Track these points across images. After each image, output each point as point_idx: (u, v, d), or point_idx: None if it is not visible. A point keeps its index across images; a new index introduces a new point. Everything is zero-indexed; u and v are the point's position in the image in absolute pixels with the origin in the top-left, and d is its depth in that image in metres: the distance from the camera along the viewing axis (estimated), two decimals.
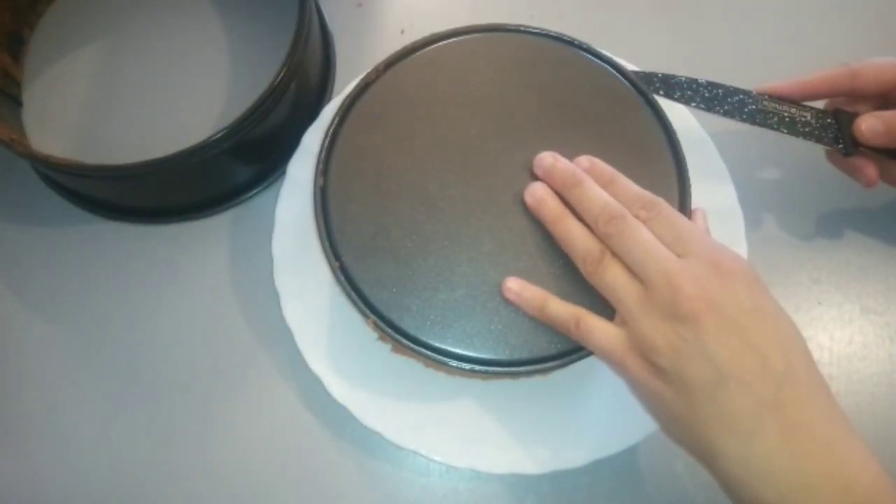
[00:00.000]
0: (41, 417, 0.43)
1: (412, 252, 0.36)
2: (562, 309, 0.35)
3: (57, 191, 0.48)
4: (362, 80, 0.40)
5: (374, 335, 0.40)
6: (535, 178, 0.37)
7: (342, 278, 0.36)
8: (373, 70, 0.40)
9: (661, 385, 0.31)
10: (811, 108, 0.42)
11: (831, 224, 0.48)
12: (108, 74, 0.50)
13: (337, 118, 0.39)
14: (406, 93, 0.39)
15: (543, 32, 0.41)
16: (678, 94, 0.42)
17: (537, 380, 0.41)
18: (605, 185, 0.35)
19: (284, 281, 0.43)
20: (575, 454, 0.40)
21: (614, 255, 0.34)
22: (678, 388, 0.31)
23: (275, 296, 0.42)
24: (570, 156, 0.37)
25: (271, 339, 0.44)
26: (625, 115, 0.39)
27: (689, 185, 0.38)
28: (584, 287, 0.35)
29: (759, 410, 0.29)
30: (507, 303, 0.36)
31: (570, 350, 0.35)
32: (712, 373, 0.30)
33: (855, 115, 0.41)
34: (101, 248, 0.47)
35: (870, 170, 0.42)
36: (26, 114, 0.49)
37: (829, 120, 0.42)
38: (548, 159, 0.37)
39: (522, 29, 0.41)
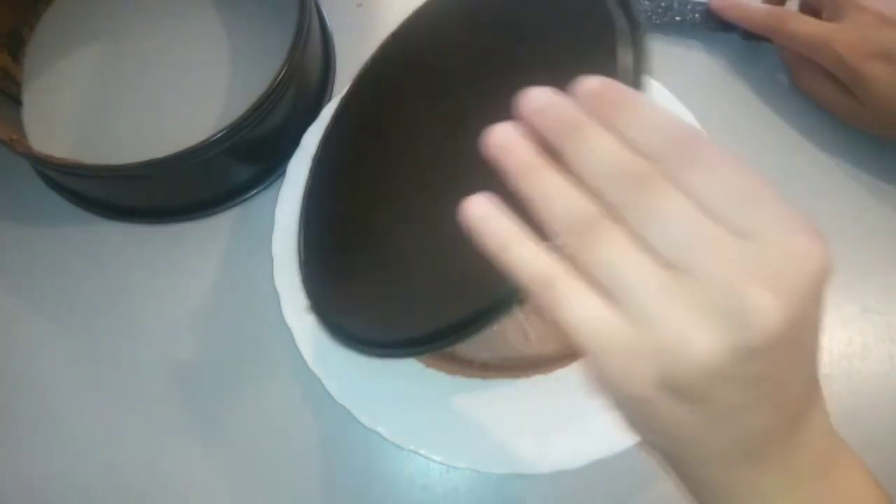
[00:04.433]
0: (41, 417, 0.43)
1: (372, 269, 0.36)
2: (531, 260, 0.23)
3: (57, 191, 0.48)
4: (342, 99, 0.40)
5: None
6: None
7: (322, 324, 0.37)
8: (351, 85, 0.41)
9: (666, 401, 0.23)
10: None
11: (831, 224, 0.47)
12: (108, 74, 0.50)
13: (320, 146, 0.40)
14: (375, 105, 0.39)
15: None
16: None
17: (537, 379, 0.41)
18: (612, 116, 0.23)
19: (284, 281, 0.43)
20: (575, 454, 0.40)
21: (616, 220, 0.22)
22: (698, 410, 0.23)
23: (275, 296, 0.42)
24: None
25: (271, 339, 0.44)
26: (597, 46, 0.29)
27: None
28: None
29: (772, 438, 0.25)
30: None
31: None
32: (742, 399, 0.23)
33: None
34: (101, 248, 0.47)
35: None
36: (26, 114, 0.49)
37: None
38: (543, 95, 0.24)
39: None
